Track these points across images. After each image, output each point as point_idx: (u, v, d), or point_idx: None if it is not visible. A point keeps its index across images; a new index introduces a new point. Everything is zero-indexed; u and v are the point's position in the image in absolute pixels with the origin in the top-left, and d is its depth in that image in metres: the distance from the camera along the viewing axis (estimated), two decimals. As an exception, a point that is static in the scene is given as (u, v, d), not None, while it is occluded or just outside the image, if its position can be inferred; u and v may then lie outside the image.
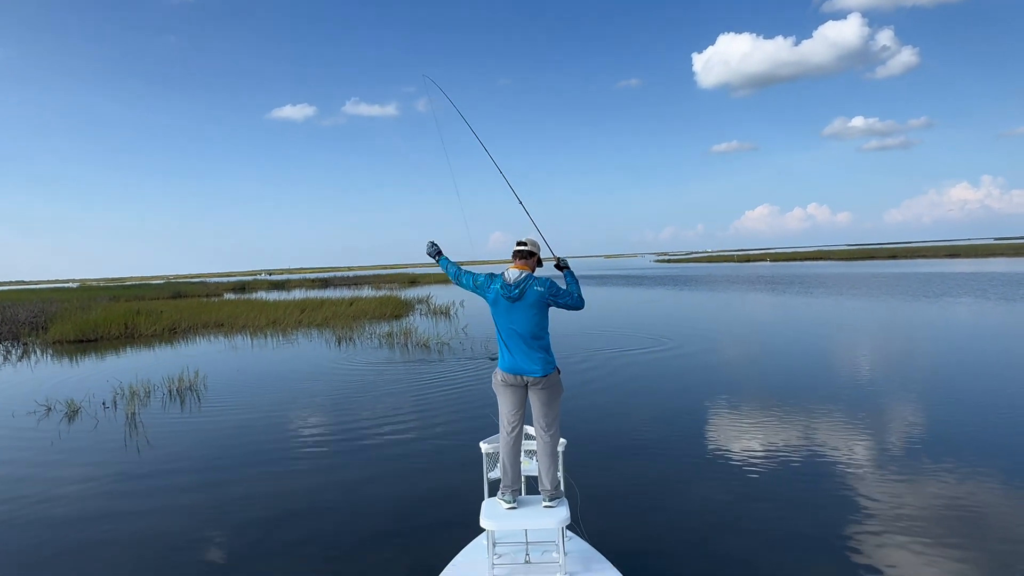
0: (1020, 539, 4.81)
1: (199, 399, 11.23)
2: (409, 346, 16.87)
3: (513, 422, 4.03)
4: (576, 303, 4.10)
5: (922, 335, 15.76)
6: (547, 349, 4.04)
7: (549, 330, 4.08)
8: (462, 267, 4.33)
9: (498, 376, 4.07)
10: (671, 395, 10.15)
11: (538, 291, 3.98)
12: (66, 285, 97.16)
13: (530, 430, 4.15)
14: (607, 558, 3.86)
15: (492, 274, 4.13)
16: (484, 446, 4.26)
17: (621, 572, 3.67)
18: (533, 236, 4.28)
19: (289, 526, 5.60)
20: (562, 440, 4.13)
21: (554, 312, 4.14)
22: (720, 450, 7.20)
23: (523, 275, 4.01)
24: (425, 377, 12.40)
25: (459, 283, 4.26)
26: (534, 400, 4.03)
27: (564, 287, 4.12)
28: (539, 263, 4.20)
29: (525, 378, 3.99)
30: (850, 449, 7.01)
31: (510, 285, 3.98)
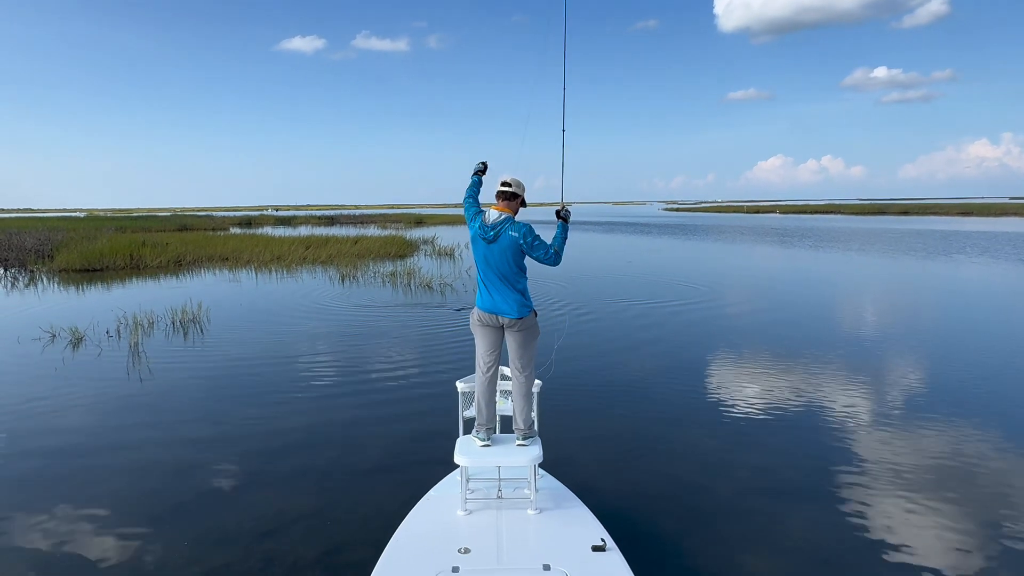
0: (1010, 496, 4.87)
1: (202, 332, 11.34)
2: (412, 286, 16.91)
3: (488, 362, 4.06)
4: (550, 260, 4.00)
5: (929, 294, 15.70)
6: (524, 292, 4.00)
7: (527, 274, 4.05)
8: (478, 201, 4.22)
9: (475, 315, 4.07)
10: (670, 344, 10.19)
11: (512, 236, 3.90)
12: (73, 214, 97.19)
13: (506, 371, 4.20)
14: (580, 497, 3.96)
15: (481, 210, 4.06)
16: (460, 385, 4.33)
17: (592, 510, 3.77)
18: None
19: (285, 458, 5.72)
20: (537, 381, 4.21)
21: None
22: (716, 400, 7.26)
23: (502, 217, 3.94)
24: (426, 317, 12.46)
25: (464, 204, 4.18)
26: (510, 341, 4.05)
27: (543, 239, 3.99)
28: (523, 204, 4.10)
29: (501, 319, 3.98)
30: (848, 403, 7.06)
31: (487, 226, 3.93)
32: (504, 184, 4.02)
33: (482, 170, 4.32)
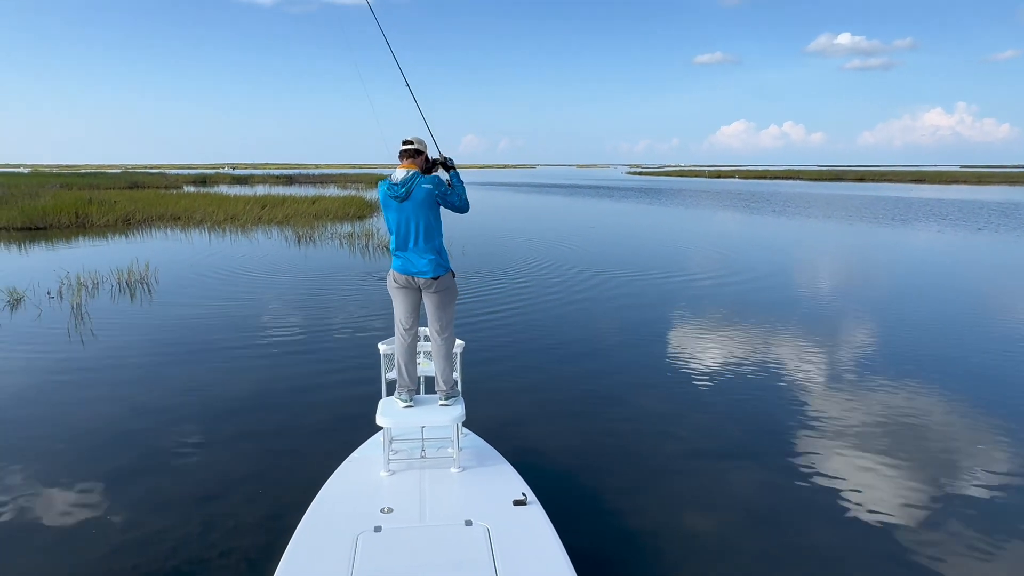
0: (953, 454, 5.04)
1: (150, 292, 11.01)
2: (370, 248, 16.65)
3: (407, 325, 4.03)
4: (462, 204, 4.01)
5: (884, 259, 16.08)
6: (438, 251, 3.95)
7: (443, 231, 4.01)
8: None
9: (391, 278, 4.02)
10: (621, 306, 10.24)
11: (426, 188, 3.84)
12: (16, 170, 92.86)
13: (428, 331, 4.18)
14: (506, 456, 3.99)
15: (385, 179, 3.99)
16: (382, 347, 4.29)
17: (517, 468, 3.80)
18: (419, 135, 4.05)
19: (229, 423, 5.61)
20: (459, 342, 4.21)
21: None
22: (663, 362, 7.33)
23: (410, 173, 3.87)
24: (381, 279, 12.29)
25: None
26: (428, 303, 4.01)
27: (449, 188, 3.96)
28: (427, 162, 4.01)
29: (417, 280, 3.93)
30: (800, 365, 7.20)
31: (396, 184, 3.85)
32: (406, 143, 3.94)
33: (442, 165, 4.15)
